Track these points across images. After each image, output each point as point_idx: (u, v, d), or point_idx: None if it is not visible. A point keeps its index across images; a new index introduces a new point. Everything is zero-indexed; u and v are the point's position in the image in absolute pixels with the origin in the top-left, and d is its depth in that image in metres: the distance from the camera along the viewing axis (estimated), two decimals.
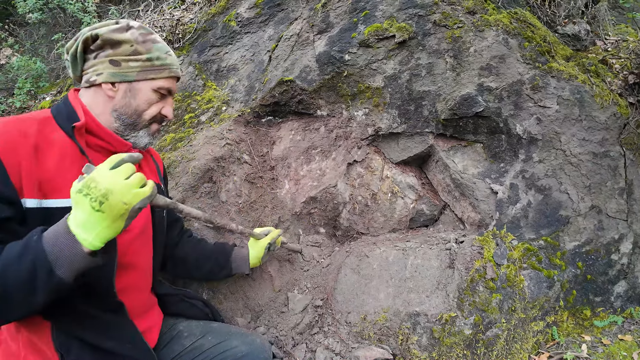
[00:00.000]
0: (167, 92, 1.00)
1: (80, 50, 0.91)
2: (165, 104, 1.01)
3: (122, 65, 0.92)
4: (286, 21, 1.99)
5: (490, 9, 1.66)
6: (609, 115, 1.61)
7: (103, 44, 0.91)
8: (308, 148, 1.76)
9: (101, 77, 0.92)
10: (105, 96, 0.93)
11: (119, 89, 0.93)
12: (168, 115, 1.01)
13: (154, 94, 0.97)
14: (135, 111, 0.95)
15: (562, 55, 1.72)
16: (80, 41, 0.91)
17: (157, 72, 0.96)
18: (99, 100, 0.94)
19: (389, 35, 1.65)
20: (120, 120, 0.95)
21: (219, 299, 1.47)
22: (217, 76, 2.06)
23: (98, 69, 0.92)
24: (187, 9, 2.40)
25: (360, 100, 1.74)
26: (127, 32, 0.93)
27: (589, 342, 1.54)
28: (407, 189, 1.74)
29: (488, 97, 1.60)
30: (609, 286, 1.61)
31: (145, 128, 0.99)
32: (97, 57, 0.92)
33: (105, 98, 0.93)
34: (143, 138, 0.99)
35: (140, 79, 0.94)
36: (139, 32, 0.95)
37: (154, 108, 0.98)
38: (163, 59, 0.97)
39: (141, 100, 0.95)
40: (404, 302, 1.44)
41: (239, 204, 1.61)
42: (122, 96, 0.94)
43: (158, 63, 0.96)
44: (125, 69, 0.93)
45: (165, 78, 0.98)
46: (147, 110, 0.97)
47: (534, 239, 1.55)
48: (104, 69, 0.92)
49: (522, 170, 1.60)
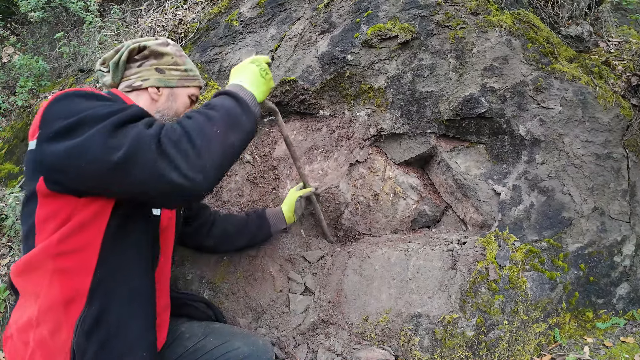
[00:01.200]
0: (196, 99, 1.17)
1: (124, 59, 1.04)
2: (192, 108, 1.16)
3: (166, 73, 1.08)
4: (289, 21, 1.99)
5: (494, 9, 1.66)
6: (612, 116, 1.60)
7: (149, 54, 1.07)
8: (310, 148, 1.76)
9: (147, 82, 1.06)
10: (149, 99, 1.07)
11: (163, 93, 1.09)
12: None
13: (188, 100, 1.14)
14: (176, 113, 1.11)
15: (565, 57, 1.72)
16: (126, 51, 1.04)
17: (191, 81, 1.14)
18: (141, 102, 1.06)
19: (392, 36, 1.65)
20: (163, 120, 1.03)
21: (220, 299, 1.46)
22: (220, 76, 2.06)
23: (143, 75, 1.06)
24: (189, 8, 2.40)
25: (362, 101, 1.73)
26: (167, 47, 1.10)
27: (591, 344, 1.53)
28: (409, 190, 1.74)
29: (491, 98, 1.59)
30: (611, 288, 1.61)
31: None
32: (142, 66, 1.07)
33: (149, 101, 1.07)
34: None
35: (179, 85, 1.11)
36: (175, 48, 1.13)
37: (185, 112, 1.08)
38: (194, 71, 1.16)
39: (179, 104, 1.12)
40: (406, 303, 1.44)
41: (240, 203, 1.61)
42: (165, 100, 1.09)
43: (192, 74, 1.14)
44: (169, 77, 1.09)
45: (196, 87, 1.16)
46: (181, 113, 1.12)
47: (536, 240, 1.54)
48: (150, 76, 1.06)
49: (524, 171, 1.59)
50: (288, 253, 1.62)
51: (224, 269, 1.49)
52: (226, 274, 1.49)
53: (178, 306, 1.19)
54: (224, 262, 1.50)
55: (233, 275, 1.50)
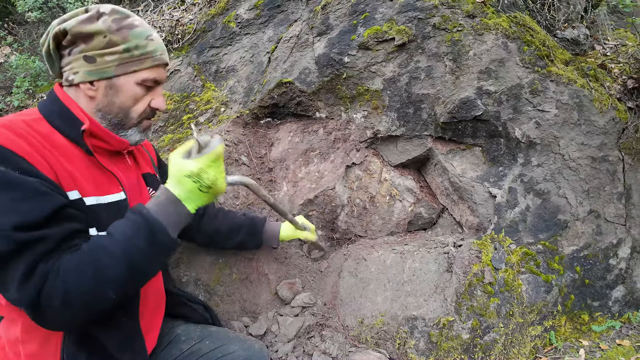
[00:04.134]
0: (154, 83, 0.90)
1: (53, 47, 0.83)
2: (154, 95, 0.92)
3: (97, 61, 0.82)
4: (286, 23, 1.99)
5: (490, 12, 1.66)
6: (608, 119, 1.61)
7: (74, 39, 0.82)
8: (306, 150, 1.76)
9: (77, 77, 0.84)
10: (85, 96, 0.86)
11: (99, 88, 0.85)
12: (159, 107, 0.93)
13: (139, 88, 0.87)
14: (121, 109, 0.88)
15: (561, 60, 1.72)
16: (51, 38, 0.82)
17: (138, 63, 0.85)
18: (81, 100, 0.86)
19: (389, 38, 1.65)
20: (107, 120, 0.88)
21: (215, 302, 1.46)
22: (216, 77, 2.06)
23: (73, 67, 0.84)
24: (186, 9, 2.40)
25: (359, 103, 1.73)
26: (99, 20, 0.82)
27: (587, 347, 1.53)
28: (405, 192, 1.74)
29: (487, 101, 1.60)
30: (607, 291, 1.61)
31: (135, 126, 0.92)
32: (71, 54, 0.83)
33: (87, 98, 0.86)
34: (134, 136, 0.93)
35: (120, 73, 0.84)
36: (112, 18, 0.83)
37: (141, 104, 0.90)
38: (143, 46, 0.86)
39: (125, 97, 0.87)
40: (402, 305, 1.44)
41: (236, 205, 1.60)
42: (103, 95, 0.85)
43: (138, 53, 0.85)
44: (102, 65, 0.83)
45: (149, 68, 0.87)
46: (133, 106, 0.89)
47: (532, 243, 1.54)
48: (79, 67, 0.83)
49: (520, 174, 1.59)
50: (284, 255, 1.61)
51: (220, 271, 1.49)
52: (222, 276, 1.49)
53: (175, 305, 1.16)
54: (220, 264, 1.49)
55: (228, 277, 1.49)
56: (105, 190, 0.87)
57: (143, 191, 1.02)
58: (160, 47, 0.90)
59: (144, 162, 1.09)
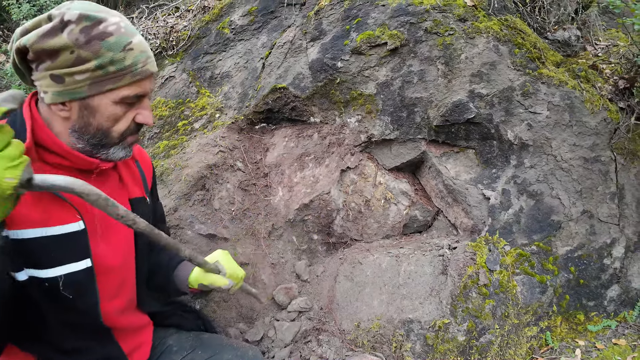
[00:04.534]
0: (138, 98, 0.78)
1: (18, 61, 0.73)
2: (140, 109, 0.79)
3: (66, 80, 0.70)
4: (279, 29, 2.00)
5: (481, 16, 1.68)
6: (600, 120, 1.62)
7: (37, 56, 0.70)
8: (301, 155, 1.77)
9: (47, 97, 0.72)
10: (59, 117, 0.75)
11: (72, 108, 0.73)
12: (146, 123, 0.81)
13: (118, 107, 0.75)
14: (99, 130, 0.76)
15: (552, 62, 1.74)
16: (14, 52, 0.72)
17: (115, 80, 0.72)
18: (55, 119, 0.76)
19: (381, 43, 1.66)
20: (84, 141, 0.77)
21: (212, 308, 1.46)
22: (211, 83, 2.07)
23: (42, 85, 0.72)
24: (181, 16, 2.41)
25: (353, 107, 1.74)
26: (63, 32, 0.68)
27: (583, 347, 1.54)
28: (400, 195, 1.75)
29: (479, 104, 1.61)
30: (602, 290, 1.62)
31: (117, 145, 0.81)
32: (38, 69, 0.71)
33: (60, 119, 0.75)
34: (117, 154, 0.82)
35: (94, 93, 0.72)
36: (80, 27, 0.68)
37: (123, 122, 0.78)
38: (119, 60, 0.72)
39: (103, 118, 0.75)
40: (398, 309, 1.44)
41: (232, 211, 1.61)
42: (77, 116, 0.74)
43: (113, 69, 0.72)
44: (72, 85, 0.71)
45: (129, 85, 0.74)
46: (113, 126, 0.77)
47: (526, 244, 1.55)
48: (47, 87, 0.71)
49: (513, 175, 1.61)
50: (280, 260, 1.62)
51: None
52: None
53: (167, 317, 1.15)
54: None
55: None
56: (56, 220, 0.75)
57: None
58: (141, 57, 0.75)
59: (133, 183, 0.96)
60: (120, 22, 0.74)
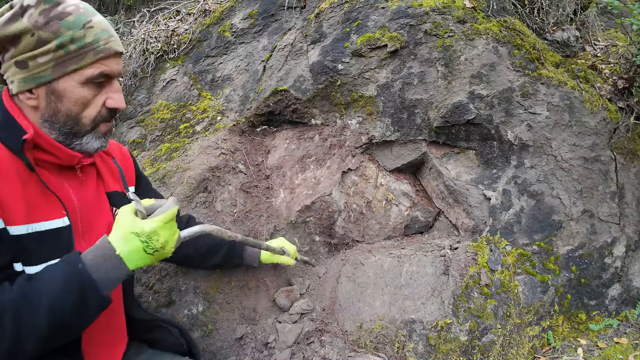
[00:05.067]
0: (105, 78, 0.77)
1: None
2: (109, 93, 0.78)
3: (29, 65, 0.71)
4: (280, 31, 2.01)
5: (480, 17, 1.69)
6: (599, 120, 1.63)
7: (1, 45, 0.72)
8: (303, 157, 1.78)
9: (14, 87, 0.73)
10: (29, 107, 0.75)
11: (39, 95, 0.74)
12: (117, 107, 0.80)
13: (85, 89, 0.75)
14: (68, 117, 0.75)
15: (551, 62, 1.75)
16: None
17: (77, 60, 0.72)
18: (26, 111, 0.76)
19: (381, 45, 1.67)
20: (56, 131, 0.76)
21: (214, 310, 1.47)
22: (212, 86, 2.08)
23: (9, 75, 0.74)
24: (182, 19, 2.43)
25: (353, 109, 1.75)
26: (24, 17, 0.70)
27: (585, 346, 1.54)
28: (401, 196, 1.76)
29: (479, 105, 1.62)
30: (603, 289, 1.63)
31: (89, 133, 0.80)
32: (4, 60, 0.74)
33: (30, 109, 0.76)
34: (91, 144, 0.81)
35: (58, 75, 0.72)
36: (40, 9, 0.70)
37: (92, 106, 0.77)
38: (79, 38, 0.72)
39: (70, 103, 0.74)
40: (400, 309, 1.45)
41: (234, 213, 1.62)
42: (45, 103, 0.74)
43: (74, 47, 0.72)
44: (36, 69, 0.71)
45: (93, 63, 0.74)
46: (83, 111, 0.76)
47: (527, 244, 1.56)
48: (13, 75, 0.73)
49: (514, 176, 1.61)
50: None
51: (218, 279, 1.50)
52: (220, 284, 1.50)
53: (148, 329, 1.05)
54: (218, 272, 1.50)
55: (227, 285, 1.51)
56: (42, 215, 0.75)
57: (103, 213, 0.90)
58: (102, 35, 0.75)
59: (111, 178, 0.96)
60: (79, 4, 0.75)
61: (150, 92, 2.17)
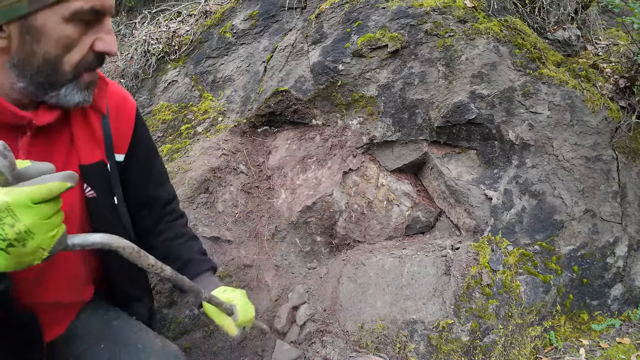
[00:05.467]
0: (95, 15, 0.61)
1: None
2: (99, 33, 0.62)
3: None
4: (281, 32, 2.02)
5: (481, 17, 1.69)
6: (601, 119, 1.63)
7: None
8: (304, 157, 1.78)
9: None
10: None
11: (11, 34, 0.57)
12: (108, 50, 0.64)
13: (70, 28, 0.59)
14: (46, 61, 0.59)
15: (552, 61, 1.74)
16: None
17: None
18: None
19: (382, 45, 1.67)
20: (27, 79, 0.61)
21: None
22: (213, 87, 2.09)
23: None
24: (183, 21, 2.44)
25: (354, 109, 1.76)
26: None
27: (587, 346, 1.54)
28: (402, 197, 1.76)
29: (480, 104, 1.62)
30: (605, 289, 1.62)
31: (69, 83, 0.64)
32: None
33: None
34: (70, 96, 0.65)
35: (37, 7, 0.55)
36: None
37: (77, 49, 0.61)
38: None
39: (50, 44, 0.58)
40: (401, 309, 1.45)
41: (235, 214, 1.62)
42: (18, 44, 0.58)
43: None
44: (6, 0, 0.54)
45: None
46: (65, 55, 0.60)
47: (529, 244, 1.56)
48: None
49: (515, 175, 1.61)
50: (283, 262, 1.63)
51: (220, 280, 1.50)
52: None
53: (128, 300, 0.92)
54: (219, 273, 1.51)
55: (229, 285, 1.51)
56: None
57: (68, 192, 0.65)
58: None
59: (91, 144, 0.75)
60: None
61: (151, 94, 2.17)
